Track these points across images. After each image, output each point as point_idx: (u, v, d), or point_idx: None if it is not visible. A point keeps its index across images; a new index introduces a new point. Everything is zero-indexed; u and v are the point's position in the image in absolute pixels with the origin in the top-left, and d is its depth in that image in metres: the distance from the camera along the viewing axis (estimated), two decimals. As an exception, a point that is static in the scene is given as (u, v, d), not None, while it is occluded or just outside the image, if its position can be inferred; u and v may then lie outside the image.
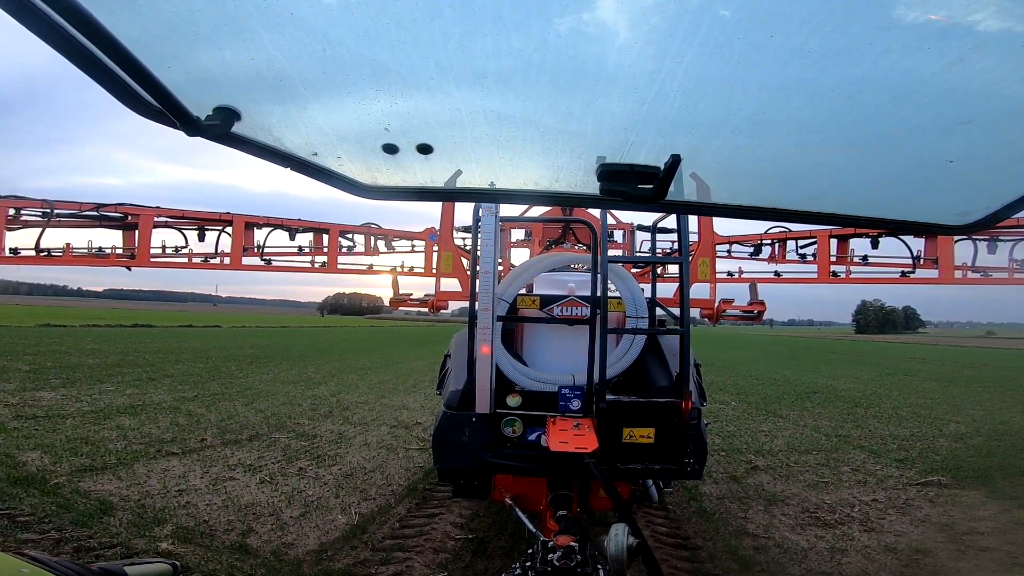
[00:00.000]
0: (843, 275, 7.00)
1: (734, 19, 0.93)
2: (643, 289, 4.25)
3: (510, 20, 0.95)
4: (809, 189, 1.55)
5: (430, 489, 6.08)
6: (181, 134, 1.14)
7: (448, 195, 2.37)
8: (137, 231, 7.13)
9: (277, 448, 7.74)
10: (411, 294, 5.77)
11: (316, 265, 8.14)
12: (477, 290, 3.75)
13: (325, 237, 8.14)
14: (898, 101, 1.13)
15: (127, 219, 7.20)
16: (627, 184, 1.27)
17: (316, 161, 1.36)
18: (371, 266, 8.66)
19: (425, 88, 1.17)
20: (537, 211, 6.05)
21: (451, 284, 5.47)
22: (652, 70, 1.05)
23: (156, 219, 7.25)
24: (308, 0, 0.92)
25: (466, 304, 4.14)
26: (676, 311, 4.00)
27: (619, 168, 1.25)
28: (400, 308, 5.85)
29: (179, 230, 7.50)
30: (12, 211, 6.56)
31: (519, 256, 8.03)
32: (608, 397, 3.55)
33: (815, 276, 6.93)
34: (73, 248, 7.01)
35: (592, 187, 1.41)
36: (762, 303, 5.04)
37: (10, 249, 6.53)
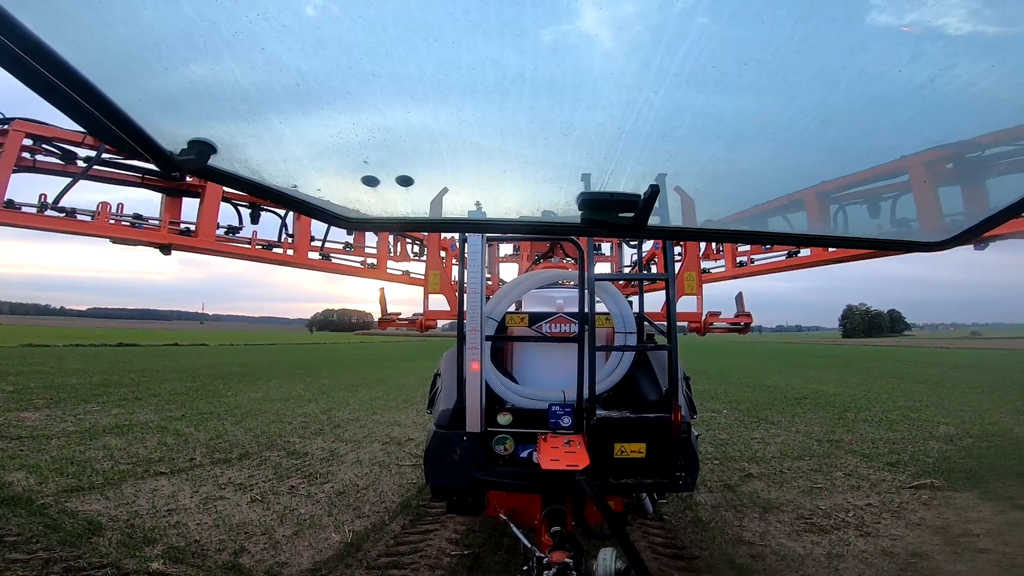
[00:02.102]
0: (747, 264, 6.86)
1: (718, 34, 0.95)
2: (631, 301, 4.28)
3: (489, 36, 0.96)
4: (794, 211, 1.59)
5: (424, 505, 6.01)
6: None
7: (432, 226, 2.37)
8: (200, 199, 5.51)
9: (268, 466, 7.63)
10: (399, 313, 5.72)
11: (366, 266, 7.17)
12: (465, 309, 3.76)
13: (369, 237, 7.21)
14: (875, 123, 1.16)
15: (184, 180, 5.40)
16: (608, 214, 1.27)
17: (296, 194, 1.35)
18: (407, 272, 7.71)
19: (403, 122, 1.17)
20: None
21: (440, 302, 5.43)
22: (634, 84, 1.06)
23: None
24: (279, 33, 0.93)
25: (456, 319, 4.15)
26: (664, 324, 4.02)
27: (600, 197, 1.26)
28: (389, 328, 5.77)
29: (235, 206, 5.87)
30: (30, 140, 4.63)
31: (507, 270, 8.03)
32: (598, 413, 3.57)
33: (723, 270, 6.81)
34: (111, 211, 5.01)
35: (574, 213, 1.42)
36: (749, 315, 5.09)
37: (7, 202, 4.42)
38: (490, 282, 5.87)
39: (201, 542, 4.92)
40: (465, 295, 3.78)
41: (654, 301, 4.89)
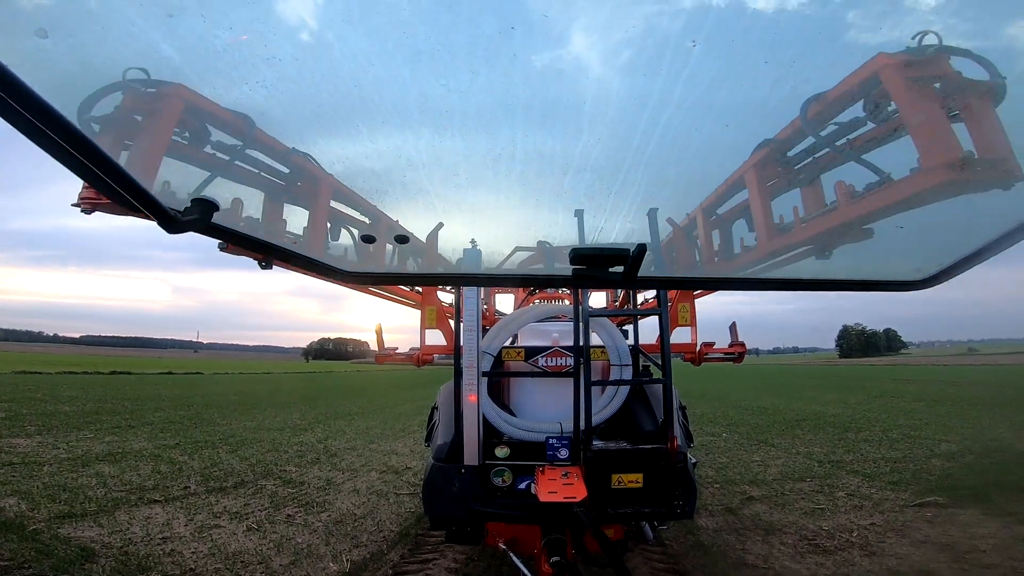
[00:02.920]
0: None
1: (706, 59, 0.99)
2: (626, 331, 4.36)
3: (478, 64, 0.99)
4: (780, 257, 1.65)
5: (423, 534, 5.91)
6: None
7: (427, 279, 2.43)
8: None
9: (264, 495, 7.51)
10: (396, 348, 5.74)
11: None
12: (462, 343, 3.82)
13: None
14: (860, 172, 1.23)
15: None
16: (598, 269, 1.31)
17: (297, 250, 1.38)
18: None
19: (399, 184, 1.21)
20: (518, 259, 6.03)
21: (437, 336, 5.46)
22: (625, 110, 1.10)
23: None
24: (286, 113, 0.96)
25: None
26: (659, 356, 4.12)
27: (590, 252, 1.29)
28: (386, 362, 5.79)
29: None
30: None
31: (503, 299, 8.02)
32: (596, 444, 3.63)
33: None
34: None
35: (570, 241, 1.46)
36: (742, 344, 5.17)
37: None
38: (486, 311, 5.91)
39: (197, 571, 4.82)
40: (461, 331, 3.83)
41: (649, 331, 4.94)
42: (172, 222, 1.07)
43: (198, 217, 1.09)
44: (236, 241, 1.24)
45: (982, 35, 1.01)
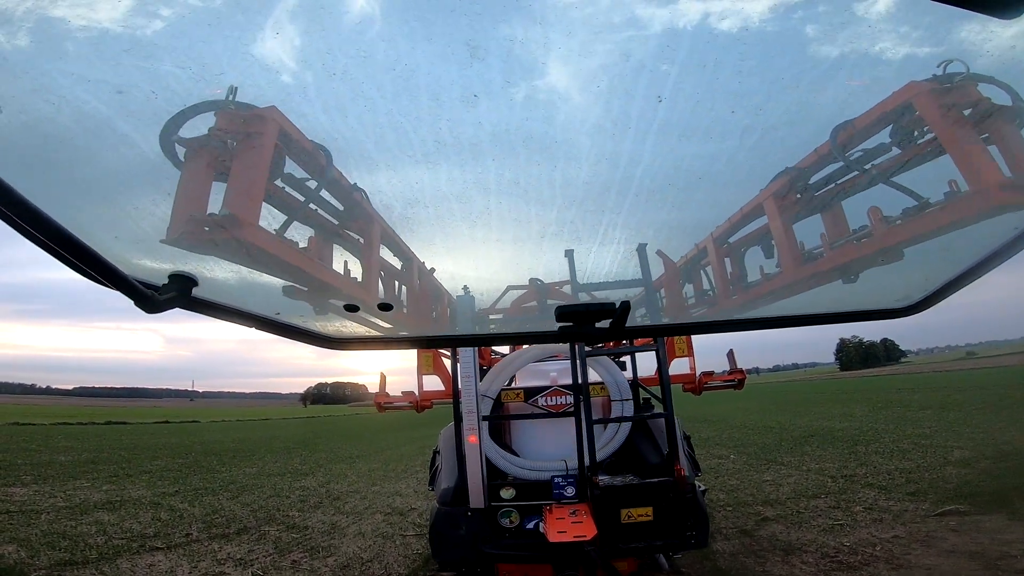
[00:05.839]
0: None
1: (682, 82, 0.98)
2: (623, 363, 4.44)
3: (457, 97, 0.98)
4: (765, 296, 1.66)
5: None
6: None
7: (416, 342, 2.40)
8: None
9: (267, 541, 7.29)
10: (398, 396, 5.72)
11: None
12: (460, 387, 3.82)
13: None
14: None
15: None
16: (584, 326, 1.30)
17: (279, 319, 1.34)
18: None
19: (366, 243, 1.18)
20: (510, 298, 6.02)
21: (435, 380, 5.45)
22: (606, 137, 1.09)
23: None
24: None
25: None
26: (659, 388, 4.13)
27: (574, 309, 1.28)
28: (386, 410, 5.77)
29: None
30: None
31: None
32: (602, 479, 3.61)
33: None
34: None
35: (562, 277, 1.47)
36: (741, 371, 5.18)
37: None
38: (484, 350, 5.92)
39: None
40: (459, 376, 3.85)
41: (648, 363, 4.94)
42: (149, 301, 1.00)
43: (176, 295, 1.04)
44: (217, 315, 1.18)
45: (997, 59, 1.01)
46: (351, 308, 1.35)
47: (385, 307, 1.39)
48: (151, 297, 1.01)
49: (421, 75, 0.94)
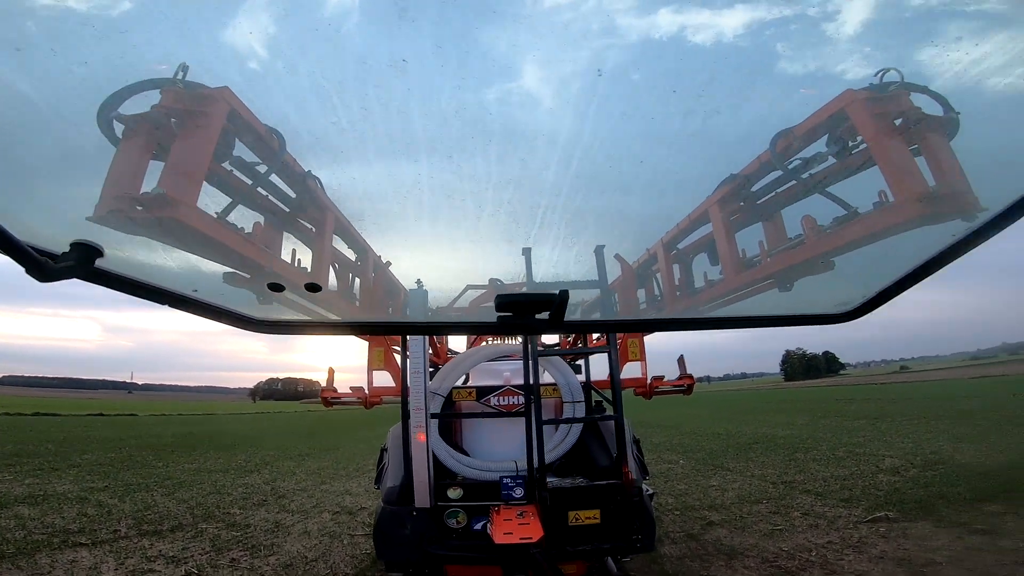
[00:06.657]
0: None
1: (654, 89, 0.99)
2: (579, 366, 4.44)
3: (431, 92, 0.96)
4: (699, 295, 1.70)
5: (379, 576, 5.61)
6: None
7: (356, 328, 2.17)
8: None
9: (204, 539, 6.99)
10: (346, 392, 5.57)
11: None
12: (409, 385, 3.73)
13: None
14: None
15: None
16: (524, 316, 1.27)
17: (198, 297, 1.22)
18: None
19: (318, 232, 1.14)
20: (469, 297, 5.98)
21: (386, 376, 5.32)
22: (573, 142, 1.09)
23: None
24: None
25: None
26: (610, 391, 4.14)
27: (514, 299, 1.26)
28: (334, 406, 5.60)
29: None
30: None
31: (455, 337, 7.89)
32: (551, 481, 3.61)
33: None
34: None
35: (519, 279, 1.45)
36: (691, 376, 5.29)
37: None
38: (439, 348, 5.84)
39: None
40: (408, 372, 3.78)
41: (601, 366, 4.99)
42: (42, 269, 0.91)
43: (73, 264, 0.94)
44: (124, 289, 1.08)
45: (936, 71, 1.04)
46: (275, 288, 1.28)
47: (313, 287, 1.32)
48: (44, 264, 0.91)
49: (386, 69, 0.91)
